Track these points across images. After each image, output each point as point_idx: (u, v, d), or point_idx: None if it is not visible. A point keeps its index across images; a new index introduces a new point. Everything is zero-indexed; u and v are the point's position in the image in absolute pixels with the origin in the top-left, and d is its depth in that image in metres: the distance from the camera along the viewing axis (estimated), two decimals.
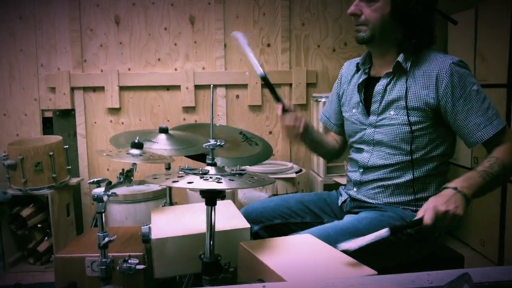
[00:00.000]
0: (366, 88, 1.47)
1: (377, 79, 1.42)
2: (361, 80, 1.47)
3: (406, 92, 1.33)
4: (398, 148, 1.37)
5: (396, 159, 1.38)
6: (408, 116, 1.33)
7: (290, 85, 2.88)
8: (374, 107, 1.41)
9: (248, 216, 1.43)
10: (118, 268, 1.38)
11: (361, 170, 1.46)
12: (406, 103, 1.33)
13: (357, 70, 1.52)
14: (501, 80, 2.13)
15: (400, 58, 1.35)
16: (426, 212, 1.16)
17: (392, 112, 1.37)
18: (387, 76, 1.39)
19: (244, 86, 2.86)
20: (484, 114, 1.28)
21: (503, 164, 1.26)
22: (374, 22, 1.33)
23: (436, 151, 1.36)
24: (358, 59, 1.53)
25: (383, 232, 1.10)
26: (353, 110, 1.49)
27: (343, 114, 1.57)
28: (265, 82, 1.44)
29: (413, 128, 1.33)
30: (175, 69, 2.85)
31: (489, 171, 1.24)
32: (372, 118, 1.42)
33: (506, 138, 1.30)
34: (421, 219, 1.16)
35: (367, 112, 1.44)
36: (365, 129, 1.44)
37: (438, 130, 1.35)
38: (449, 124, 1.33)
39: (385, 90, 1.38)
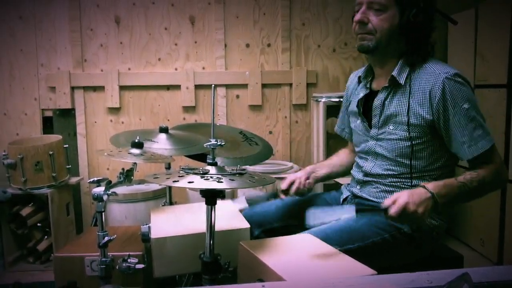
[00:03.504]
0: (367, 100, 1.47)
1: (377, 93, 1.42)
2: (361, 95, 1.48)
3: (404, 108, 1.34)
4: (397, 161, 1.38)
5: (396, 171, 1.39)
6: (406, 132, 1.33)
7: (290, 85, 2.88)
8: (374, 120, 1.43)
9: (248, 220, 1.43)
10: (117, 268, 1.38)
11: (363, 173, 1.47)
12: (404, 118, 1.33)
13: (359, 82, 1.52)
14: (501, 80, 2.13)
15: (395, 72, 1.35)
16: (395, 204, 1.15)
17: (391, 127, 1.37)
18: (385, 90, 1.39)
19: (244, 86, 2.86)
20: (470, 133, 1.27)
21: (483, 182, 1.26)
22: (382, 31, 1.32)
23: (437, 163, 1.36)
24: (361, 71, 1.53)
25: (350, 213, 1.19)
26: (358, 122, 1.51)
27: (351, 125, 1.59)
28: None
29: (411, 142, 1.33)
30: (176, 69, 2.85)
31: (468, 185, 1.25)
32: (374, 131, 1.43)
33: (492, 158, 1.29)
34: (386, 209, 1.16)
35: (369, 125, 1.45)
36: (368, 140, 1.46)
37: (437, 144, 1.34)
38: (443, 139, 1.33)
39: (383, 104, 1.39)
